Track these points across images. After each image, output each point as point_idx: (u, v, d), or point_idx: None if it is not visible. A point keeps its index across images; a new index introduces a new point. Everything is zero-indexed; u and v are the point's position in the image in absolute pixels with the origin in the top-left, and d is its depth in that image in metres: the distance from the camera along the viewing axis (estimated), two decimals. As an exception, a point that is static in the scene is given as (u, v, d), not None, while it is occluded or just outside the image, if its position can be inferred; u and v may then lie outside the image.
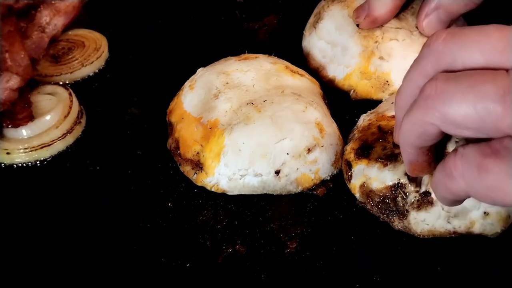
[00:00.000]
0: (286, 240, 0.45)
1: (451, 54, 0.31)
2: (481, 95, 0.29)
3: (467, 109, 0.29)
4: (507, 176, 0.30)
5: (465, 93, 0.30)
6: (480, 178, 0.31)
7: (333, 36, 0.58)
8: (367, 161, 0.46)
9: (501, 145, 0.30)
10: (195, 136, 0.49)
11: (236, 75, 0.52)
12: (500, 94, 0.29)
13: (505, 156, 0.30)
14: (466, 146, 0.32)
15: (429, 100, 0.31)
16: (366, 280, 0.42)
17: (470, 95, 0.29)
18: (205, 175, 0.48)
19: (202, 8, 0.71)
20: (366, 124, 0.49)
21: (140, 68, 0.63)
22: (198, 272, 0.43)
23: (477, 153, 0.31)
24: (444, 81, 0.31)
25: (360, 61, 0.55)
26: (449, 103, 0.30)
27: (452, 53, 0.31)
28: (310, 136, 0.47)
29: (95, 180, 0.51)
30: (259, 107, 0.48)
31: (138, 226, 0.47)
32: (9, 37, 0.53)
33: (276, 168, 0.47)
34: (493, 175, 0.30)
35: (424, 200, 0.43)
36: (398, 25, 0.55)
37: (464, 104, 0.30)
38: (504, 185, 0.30)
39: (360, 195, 0.46)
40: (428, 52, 0.33)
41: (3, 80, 0.51)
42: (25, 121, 0.53)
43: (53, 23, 0.60)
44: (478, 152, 0.31)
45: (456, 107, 0.30)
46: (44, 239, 0.46)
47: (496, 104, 0.29)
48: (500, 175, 0.30)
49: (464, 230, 0.43)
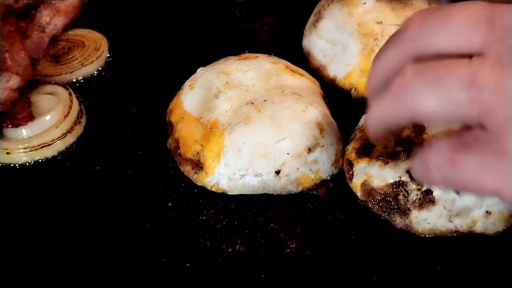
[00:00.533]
0: (286, 240, 0.45)
1: (423, 41, 0.31)
2: (445, 88, 0.29)
3: (434, 104, 0.30)
4: (480, 168, 0.30)
5: (431, 88, 0.30)
6: (453, 171, 0.31)
7: (333, 35, 0.58)
8: (368, 159, 0.46)
9: (471, 137, 0.30)
10: (195, 136, 0.49)
11: (236, 75, 0.52)
12: (463, 84, 0.29)
13: (476, 148, 0.30)
14: (439, 139, 0.32)
15: (397, 96, 0.32)
16: (366, 280, 0.42)
17: (435, 89, 0.30)
18: (205, 175, 0.48)
19: (202, 8, 0.71)
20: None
21: (140, 68, 0.63)
22: (198, 272, 0.43)
23: (449, 146, 0.31)
24: (411, 75, 0.31)
25: (360, 59, 0.55)
26: (417, 99, 0.30)
27: (424, 40, 0.31)
28: (310, 136, 0.47)
29: (95, 180, 0.51)
30: (259, 107, 0.48)
31: (138, 226, 0.46)
32: (9, 37, 0.53)
33: (276, 168, 0.47)
34: (465, 168, 0.30)
35: (426, 198, 0.43)
36: (397, 21, 0.55)
37: (430, 99, 0.30)
38: (477, 177, 0.30)
39: (361, 193, 0.46)
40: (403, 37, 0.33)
41: (3, 80, 0.51)
42: (25, 121, 0.53)
43: (53, 23, 0.60)
44: (450, 146, 0.31)
45: (424, 102, 0.30)
46: (44, 239, 0.46)
47: (461, 94, 0.29)
48: (472, 168, 0.30)
49: (466, 229, 0.43)
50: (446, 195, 0.42)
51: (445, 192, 0.42)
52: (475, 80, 0.29)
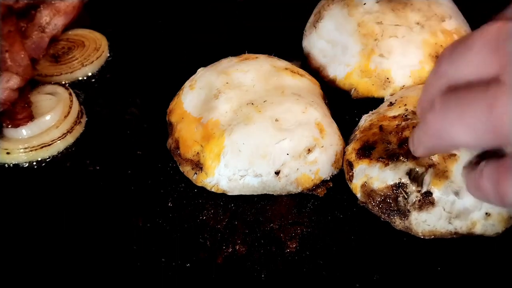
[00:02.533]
0: (286, 240, 0.45)
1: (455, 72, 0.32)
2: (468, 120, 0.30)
3: (462, 135, 0.31)
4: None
5: (456, 121, 0.31)
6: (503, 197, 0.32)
7: (333, 35, 0.58)
8: (368, 160, 0.46)
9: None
10: (195, 136, 0.49)
11: (236, 75, 0.52)
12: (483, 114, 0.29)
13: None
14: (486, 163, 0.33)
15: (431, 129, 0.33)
16: (366, 280, 0.42)
17: (463, 120, 0.30)
18: (205, 176, 0.48)
19: (202, 8, 0.71)
20: (367, 124, 0.49)
21: (140, 68, 0.63)
22: (198, 272, 0.43)
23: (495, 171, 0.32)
24: (441, 108, 0.32)
25: (360, 60, 0.55)
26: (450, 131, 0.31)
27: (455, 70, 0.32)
28: (310, 136, 0.47)
29: (95, 180, 0.51)
30: (259, 108, 0.48)
31: (138, 226, 0.47)
32: (9, 37, 0.53)
33: (276, 169, 0.47)
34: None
35: (426, 200, 0.43)
36: (397, 22, 0.55)
37: (458, 131, 0.31)
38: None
39: (361, 195, 0.46)
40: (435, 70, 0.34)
41: (3, 80, 0.51)
42: (25, 121, 0.53)
43: (53, 23, 0.60)
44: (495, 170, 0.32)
45: (456, 134, 0.31)
46: (44, 239, 0.46)
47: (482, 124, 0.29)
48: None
49: (466, 231, 0.43)
50: (445, 197, 0.42)
51: (445, 194, 0.42)
52: (493, 107, 0.29)
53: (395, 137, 0.46)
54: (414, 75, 0.54)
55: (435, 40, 0.55)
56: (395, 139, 0.46)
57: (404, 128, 0.46)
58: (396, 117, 0.48)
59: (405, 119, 0.47)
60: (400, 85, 0.55)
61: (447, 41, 0.55)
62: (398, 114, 0.48)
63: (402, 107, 0.49)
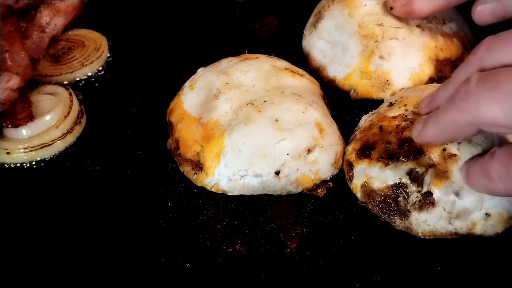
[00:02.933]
0: (286, 240, 0.45)
1: (491, 59, 0.33)
2: (504, 93, 0.30)
3: (494, 110, 0.30)
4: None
5: (491, 94, 0.30)
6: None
7: (333, 35, 0.58)
8: (368, 160, 0.46)
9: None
10: (195, 136, 0.49)
11: (236, 75, 0.52)
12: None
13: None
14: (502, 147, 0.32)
15: (461, 102, 0.32)
16: (366, 280, 0.42)
17: (495, 95, 0.30)
18: (205, 176, 0.48)
19: (202, 8, 0.71)
20: (367, 124, 0.49)
21: (140, 68, 0.63)
22: (198, 272, 0.43)
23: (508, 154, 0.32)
24: (475, 82, 0.32)
25: (360, 61, 0.55)
26: (479, 104, 0.31)
27: (491, 58, 0.33)
28: (310, 136, 0.47)
29: (95, 180, 0.51)
30: (259, 108, 0.48)
31: (138, 226, 0.47)
32: (9, 37, 0.53)
33: (276, 169, 0.47)
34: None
35: (426, 200, 0.43)
36: (398, 24, 0.55)
37: (491, 105, 0.30)
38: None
39: (361, 195, 0.46)
40: (473, 58, 0.34)
41: (3, 80, 0.51)
42: (25, 121, 0.53)
43: (53, 23, 0.60)
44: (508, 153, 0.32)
45: (484, 108, 0.31)
46: (44, 239, 0.46)
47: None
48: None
49: (466, 231, 0.43)
50: (446, 197, 0.42)
51: (445, 194, 0.42)
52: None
53: (395, 137, 0.46)
54: (414, 77, 0.54)
55: (435, 43, 0.55)
56: (395, 139, 0.46)
57: (404, 128, 0.46)
58: (396, 117, 0.48)
59: (405, 119, 0.47)
60: (399, 87, 0.55)
61: (447, 44, 0.55)
62: (398, 114, 0.48)
63: (402, 107, 0.49)
